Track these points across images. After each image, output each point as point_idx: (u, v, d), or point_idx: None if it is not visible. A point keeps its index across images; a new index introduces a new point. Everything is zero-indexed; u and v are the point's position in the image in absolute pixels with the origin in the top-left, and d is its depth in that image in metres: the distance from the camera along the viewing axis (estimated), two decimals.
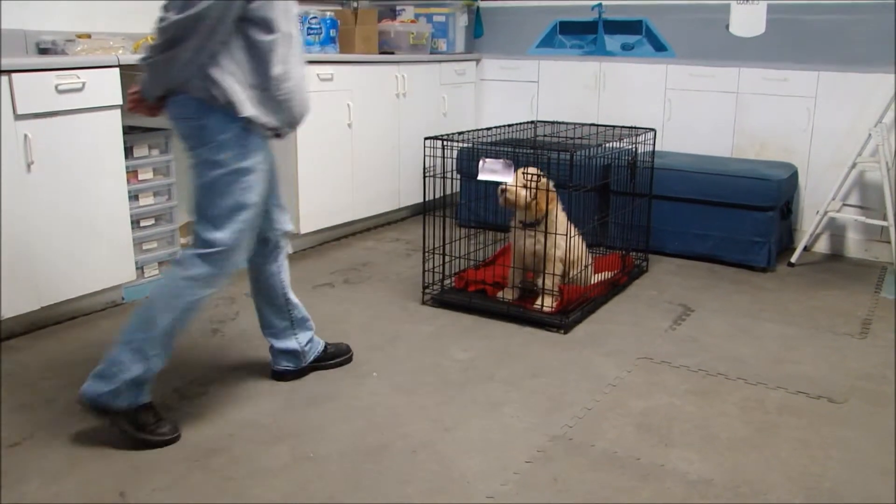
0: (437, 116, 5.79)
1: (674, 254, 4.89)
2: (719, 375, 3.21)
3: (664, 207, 4.81)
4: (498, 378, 3.15)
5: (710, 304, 4.05)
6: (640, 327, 3.73)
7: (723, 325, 3.78)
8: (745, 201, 4.59)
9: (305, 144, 4.66)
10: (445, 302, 3.94)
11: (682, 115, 5.40)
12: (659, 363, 3.32)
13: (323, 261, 4.69)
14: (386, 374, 3.16)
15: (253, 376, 3.12)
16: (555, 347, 3.47)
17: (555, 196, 3.76)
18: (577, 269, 3.92)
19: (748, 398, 3.01)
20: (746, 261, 4.66)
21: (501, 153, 3.86)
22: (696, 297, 4.16)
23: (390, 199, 5.49)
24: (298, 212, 4.71)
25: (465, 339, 3.55)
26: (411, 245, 5.07)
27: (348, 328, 3.64)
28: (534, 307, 3.77)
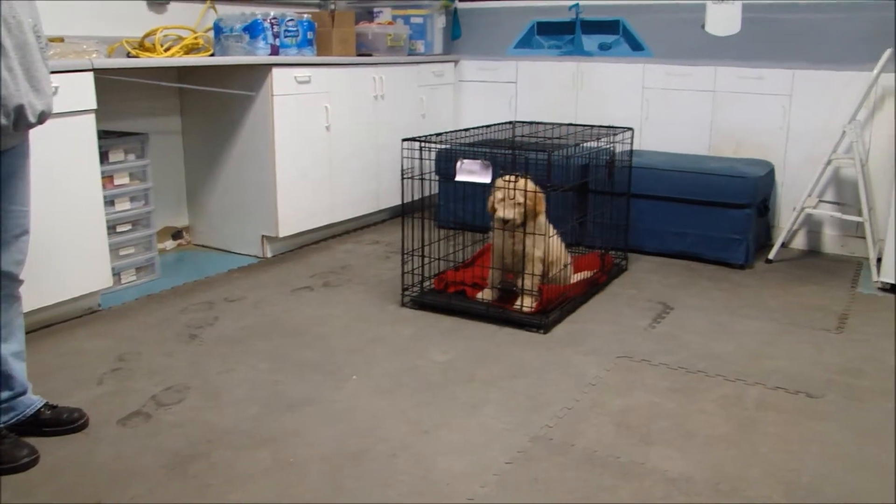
0: (416, 118, 5.78)
1: (653, 252, 4.90)
2: (699, 373, 3.21)
3: (642, 206, 4.81)
4: (478, 379, 3.14)
5: (689, 302, 4.06)
6: (619, 326, 3.73)
7: (702, 322, 3.79)
8: (722, 199, 4.60)
9: (283, 147, 4.65)
10: (425, 304, 3.93)
11: (660, 114, 5.41)
12: (638, 361, 3.32)
13: (302, 264, 4.67)
14: (366, 377, 3.15)
15: (232, 382, 3.10)
16: (535, 347, 3.46)
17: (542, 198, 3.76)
18: (557, 268, 3.92)
19: (727, 395, 3.02)
20: (724, 258, 4.67)
21: (479, 154, 3.85)
22: (675, 295, 4.17)
23: (369, 202, 5.48)
24: (276, 215, 4.69)
25: (445, 340, 3.54)
26: (390, 247, 5.06)
27: (328, 331, 3.63)
28: (513, 308, 3.77)
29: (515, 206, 3.65)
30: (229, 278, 4.40)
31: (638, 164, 4.76)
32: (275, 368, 3.23)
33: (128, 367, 3.23)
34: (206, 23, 4.85)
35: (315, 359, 3.32)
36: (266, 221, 4.74)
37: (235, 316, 3.81)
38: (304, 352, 3.39)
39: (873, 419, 2.85)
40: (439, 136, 3.98)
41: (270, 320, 3.76)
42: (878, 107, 4.73)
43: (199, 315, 3.83)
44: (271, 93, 4.53)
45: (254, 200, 4.76)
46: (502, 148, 4.01)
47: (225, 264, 4.66)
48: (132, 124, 4.64)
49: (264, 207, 4.72)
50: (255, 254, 4.83)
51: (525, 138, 4.36)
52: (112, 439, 2.68)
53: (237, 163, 4.77)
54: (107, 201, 4.01)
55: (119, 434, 2.71)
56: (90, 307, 3.86)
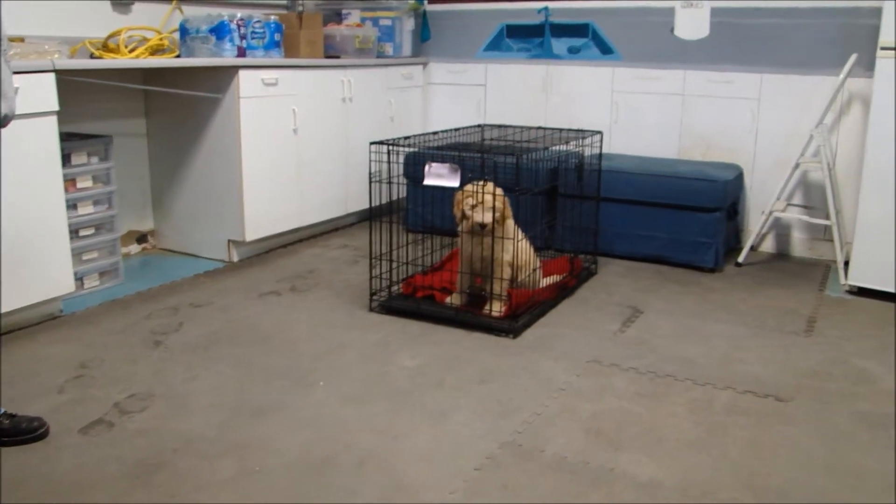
0: (384, 121, 5.76)
1: (622, 256, 4.91)
2: (668, 377, 3.22)
3: (612, 210, 4.83)
4: (447, 385, 3.13)
5: (659, 306, 4.08)
6: (589, 330, 3.74)
7: (671, 326, 3.81)
8: (691, 202, 4.63)
9: (250, 150, 4.61)
10: (393, 308, 3.92)
11: (629, 118, 5.43)
12: (608, 366, 3.33)
13: (269, 268, 4.64)
14: (333, 384, 3.13)
15: (197, 389, 3.07)
16: (504, 353, 3.46)
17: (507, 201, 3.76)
18: (526, 273, 3.92)
19: (697, 399, 3.03)
20: (694, 261, 4.70)
21: (448, 158, 3.85)
22: (644, 299, 4.18)
23: (337, 206, 5.45)
24: (243, 219, 4.65)
25: (414, 345, 3.53)
26: (359, 251, 5.04)
27: (295, 337, 3.60)
28: (482, 312, 3.76)
29: (491, 210, 3.65)
30: (195, 283, 4.36)
31: (607, 168, 4.78)
32: (241, 375, 3.20)
33: (90, 374, 3.19)
34: (172, 24, 4.80)
35: (282, 365, 3.30)
36: (232, 225, 4.70)
37: (201, 322, 3.78)
38: (270, 358, 3.37)
39: (842, 422, 2.87)
40: (408, 139, 3.97)
41: (237, 326, 3.73)
42: (844, 111, 4.78)
43: (164, 321, 3.78)
44: (238, 95, 4.50)
45: (220, 204, 4.72)
46: (471, 151, 4.01)
47: (191, 269, 4.62)
48: (95, 126, 4.58)
49: (231, 211, 4.68)
50: (222, 258, 4.79)
51: (494, 142, 4.36)
52: (74, 449, 2.64)
53: (203, 166, 4.73)
54: (69, 205, 3.96)
55: (81, 443, 2.67)
56: (52, 313, 3.80)
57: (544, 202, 4.87)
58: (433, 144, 4.08)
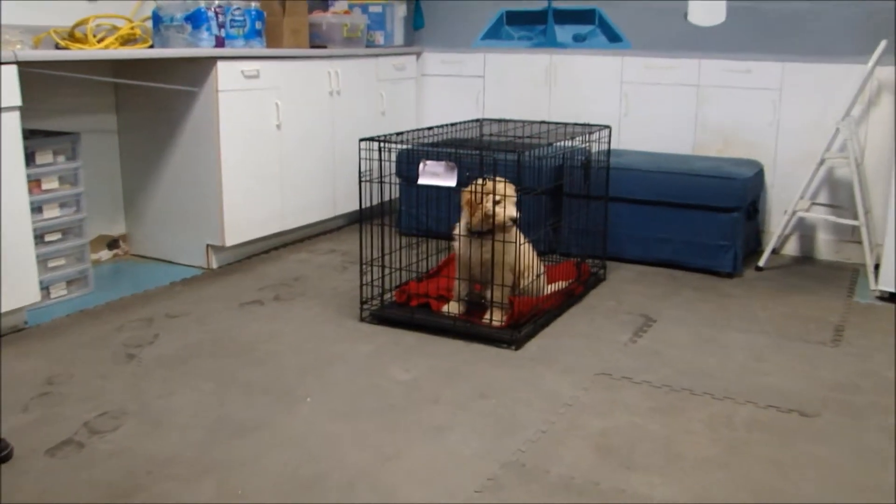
0: (375, 116, 5.77)
1: (633, 260, 4.92)
2: (684, 391, 3.23)
3: (622, 210, 4.84)
4: (444, 400, 3.13)
5: (673, 314, 4.09)
6: (597, 341, 3.74)
7: (687, 335, 3.81)
8: (708, 202, 4.64)
9: (229, 148, 4.62)
10: (386, 318, 3.92)
11: (640, 111, 5.45)
12: (619, 379, 3.34)
13: (250, 276, 4.65)
14: (321, 399, 3.13)
15: (174, 406, 3.07)
16: (505, 365, 3.47)
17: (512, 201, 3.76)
18: (529, 279, 3.92)
19: (715, 414, 3.04)
20: (711, 266, 4.71)
21: (444, 155, 3.85)
22: (657, 307, 4.19)
23: (324, 207, 5.46)
24: (222, 222, 4.66)
25: (408, 358, 3.53)
26: (348, 257, 5.04)
27: (279, 349, 3.61)
28: (482, 322, 3.76)
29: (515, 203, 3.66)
30: (171, 292, 4.37)
31: (616, 165, 4.79)
32: (221, 390, 3.20)
33: (58, 391, 3.19)
34: (144, 12, 4.81)
35: (265, 379, 3.30)
36: (211, 229, 4.71)
37: (178, 333, 3.78)
38: (253, 372, 3.37)
39: (873, 439, 2.88)
40: (400, 135, 3.97)
41: (216, 338, 3.73)
42: (873, 102, 4.79)
43: (137, 333, 3.79)
44: (216, 88, 4.51)
45: (197, 206, 4.72)
46: (469, 148, 4.02)
47: (166, 276, 4.62)
48: (62, 123, 4.59)
49: (209, 214, 4.69)
50: (200, 265, 4.80)
51: (494, 137, 4.37)
52: (40, 472, 2.63)
53: (179, 165, 4.74)
54: (33, 208, 3.96)
55: (48, 466, 2.67)
56: (16, 325, 3.80)
57: (548, 203, 4.87)
58: (428, 141, 4.08)
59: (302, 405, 3.09)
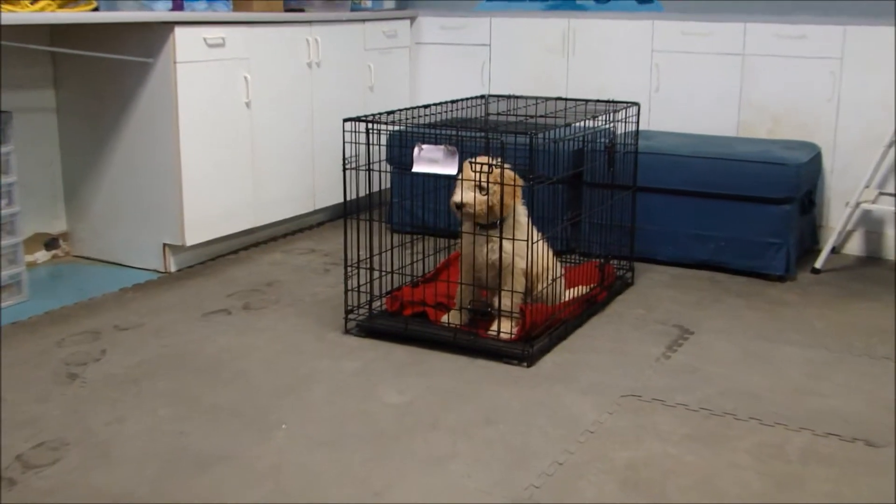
0: (361, 91, 5.78)
1: (666, 261, 4.93)
2: (726, 415, 3.23)
3: (653, 203, 4.85)
4: (443, 426, 3.13)
5: (714, 325, 4.09)
6: (624, 356, 3.74)
7: (730, 350, 3.81)
8: (755, 192, 4.64)
9: (189, 130, 4.62)
10: (375, 330, 3.92)
11: (674, 85, 5.45)
12: (649, 402, 3.33)
13: (216, 280, 4.65)
14: (298, 425, 3.13)
15: (125, 434, 3.06)
16: (516, 385, 3.46)
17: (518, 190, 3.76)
18: (544, 283, 3.92)
19: (764, 443, 3.03)
20: (759, 268, 4.71)
21: (443, 138, 3.85)
22: (695, 316, 4.19)
23: (302, 200, 5.46)
24: (182, 218, 4.66)
25: (401, 377, 3.53)
26: (330, 258, 5.05)
27: (249, 366, 3.61)
28: (488, 334, 3.76)
29: (477, 188, 3.65)
30: (121, 300, 4.37)
31: (646, 149, 4.79)
32: (180, 416, 3.20)
33: None
34: None
35: (233, 403, 3.30)
36: (169, 226, 4.71)
37: (129, 349, 3.78)
38: (218, 394, 3.37)
39: None
40: (391, 114, 3.97)
41: (175, 354, 3.73)
42: None
43: (81, 348, 3.79)
44: (174, 59, 4.51)
45: (152, 199, 4.73)
46: (472, 129, 4.02)
47: (115, 281, 4.62)
48: None
49: (166, 208, 4.69)
50: (155, 268, 4.80)
51: (501, 117, 4.37)
52: None
53: (130, 150, 4.74)
54: None
55: None
56: None
57: (566, 193, 4.87)
58: (424, 121, 4.08)
59: (276, 433, 3.09)
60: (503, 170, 3.67)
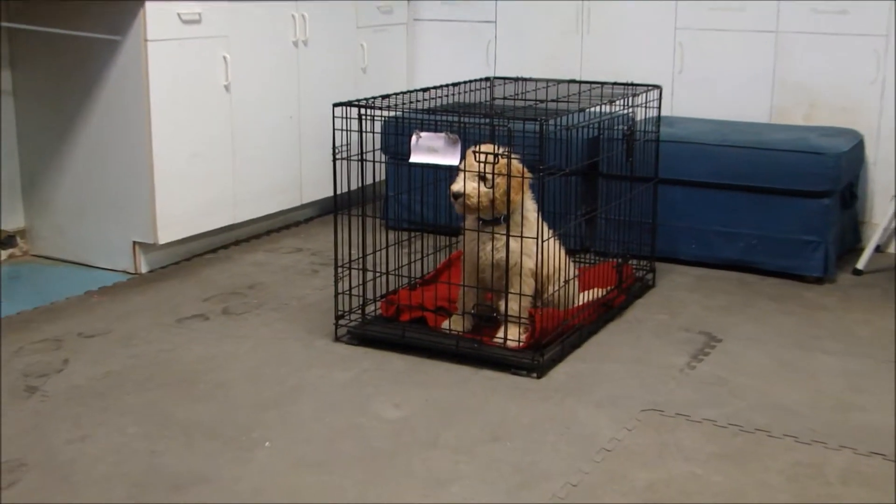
0: (354, 73, 5.78)
1: (691, 261, 4.93)
2: (758, 432, 3.22)
3: (676, 196, 4.85)
4: (444, 443, 3.13)
5: (744, 331, 4.09)
6: (644, 366, 3.74)
7: (762, 359, 3.81)
8: (790, 185, 4.64)
9: (162, 116, 4.61)
10: (368, 337, 3.92)
11: (700, 66, 5.45)
12: (672, 417, 3.33)
13: (192, 283, 4.65)
14: (284, 443, 3.13)
15: (89, 454, 3.06)
16: (524, 398, 3.46)
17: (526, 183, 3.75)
18: (556, 285, 3.92)
19: (800, 463, 3.03)
20: (794, 268, 4.70)
21: (444, 124, 3.85)
22: (723, 322, 4.19)
23: (288, 193, 5.46)
24: (154, 214, 4.66)
25: (397, 389, 3.53)
26: (319, 257, 5.05)
27: (229, 378, 3.60)
28: (494, 341, 3.76)
29: (477, 179, 3.65)
30: (86, 304, 4.37)
31: (669, 137, 4.79)
32: (151, 433, 3.19)
33: None
34: None
35: (210, 418, 3.30)
36: (139, 222, 4.71)
37: (95, 358, 3.78)
38: (194, 409, 3.37)
39: None
40: (387, 98, 3.97)
41: (146, 364, 3.73)
42: None
43: (41, 358, 3.78)
44: (144, 37, 4.50)
45: (121, 192, 4.72)
46: (476, 115, 4.01)
47: (79, 284, 4.62)
48: None
49: (136, 202, 4.69)
50: (125, 268, 4.80)
51: (508, 101, 4.37)
52: None
53: (96, 138, 4.74)
54: None
55: None
56: None
57: (580, 186, 4.87)
58: (423, 106, 4.08)
59: (259, 451, 3.08)
60: (510, 160, 3.67)
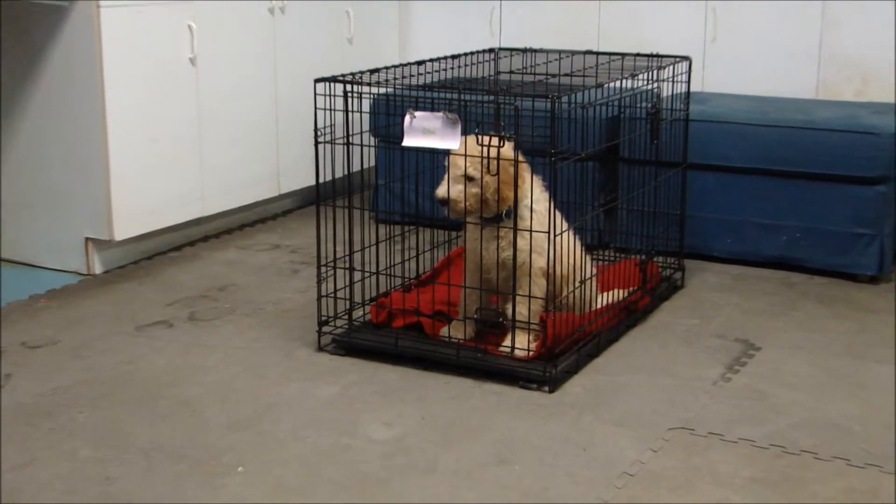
0: (338, 44, 5.78)
1: (725, 258, 4.93)
2: (804, 453, 3.21)
3: (708, 183, 4.85)
4: (443, 468, 3.12)
5: (786, 338, 4.08)
6: (672, 378, 3.74)
7: (807, 370, 3.80)
8: (839, 170, 4.63)
9: (118, 94, 4.61)
10: (356, 346, 3.92)
11: (735, 35, 5.45)
12: (705, 436, 3.32)
13: (154, 285, 4.64)
14: (259, 467, 3.12)
15: (36, 480, 3.05)
16: (535, 415, 3.46)
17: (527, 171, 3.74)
18: (571, 286, 3.91)
19: (853, 489, 3.02)
20: (844, 266, 4.70)
21: (442, 103, 3.84)
22: (762, 328, 4.18)
23: (264, 183, 5.46)
24: (109, 206, 4.65)
25: (389, 405, 3.53)
26: (299, 255, 5.05)
27: (197, 393, 3.60)
28: (500, 350, 3.76)
29: (465, 179, 3.65)
30: (31, 310, 4.36)
31: (700, 116, 4.79)
32: (107, 457, 3.18)
33: None
34: None
35: (175, 440, 3.29)
36: (92, 216, 4.70)
37: (42, 372, 3.77)
38: (156, 429, 3.36)
39: None
40: (376, 73, 3.97)
41: (100, 378, 3.72)
42: None
43: None
44: (97, 2, 4.50)
45: (71, 182, 4.72)
46: (478, 92, 4.00)
47: (24, 287, 4.62)
48: None
49: (88, 194, 4.68)
50: (76, 269, 4.80)
51: (515, 76, 4.37)
52: None
53: (42, 120, 4.73)
54: None
55: None
56: None
57: (598, 173, 4.86)
58: (417, 82, 4.08)
59: (231, 478, 3.08)
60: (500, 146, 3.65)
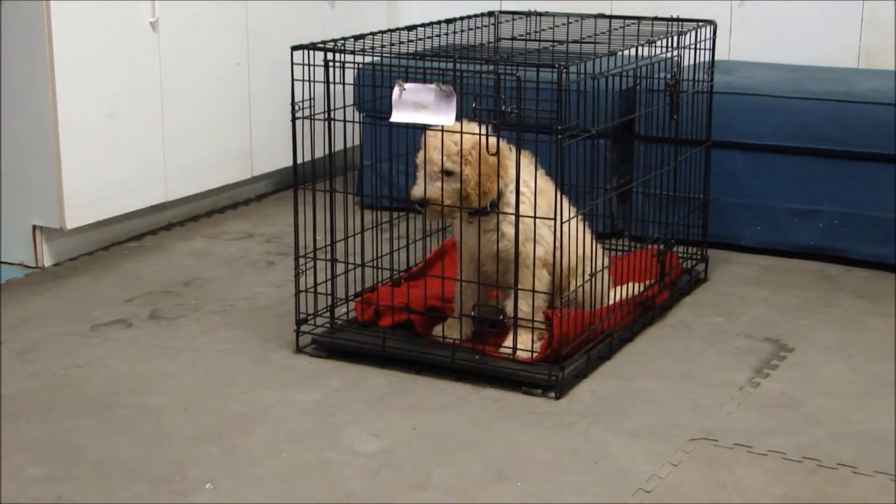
0: (319, 8, 5.79)
1: (755, 248, 4.95)
2: (842, 467, 3.23)
3: (735, 164, 4.87)
4: (436, 484, 3.14)
5: (824, 338, 4.10)
6: (694, 383, 3.76)
7: (847, 375, 3.82)
8: (884, 148, 4.65)
9: (69, 64, 4.62)
10: (339, 348, 3.94)
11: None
12: (730, 448, 3.34)
13: (110, 279, 4.66)
14: (230, 484, 3.14)
15: None
16: (540, 424, 3.48)
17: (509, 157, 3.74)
18: (579, 280, 3.94)
19: None
20: (888, 257, 4.72)
21: (435, 73, 3.86)
22: (795, 326, 4.21)
23: (234, 164, 5.47)
24: (60, 191, 4.66)
25: (377, 414, 3.54)
26: (275, 245, 5.06)
27: (159, 402, 3.61)
28: (501, 352, 3.78)
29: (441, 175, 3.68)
30: None
31: (726, 88, 4.80)
32: (58, 474, 3.20)
33: None
34: None
35: (134, 454, 3.30)
36: (41, 203, 4.72)
37: None
38: (112, 442, 3.37)
39: None
40: (361, 39, 3.98)
41: (50, 385, 3.74)
42: None
43: None
44: None
45: (16, 164, 4.73)
46: (476, 61, 4.02)
47: None
48: None
49: (36, 177, 4.70)
50: (22, 261, 4.82)
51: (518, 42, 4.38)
52: None
53: None
54: None
55: None
56: None
57: (611, 152, 4.88)
58: (407, 50, 4.09)
59: (198, 495, 3.09)
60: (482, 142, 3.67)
